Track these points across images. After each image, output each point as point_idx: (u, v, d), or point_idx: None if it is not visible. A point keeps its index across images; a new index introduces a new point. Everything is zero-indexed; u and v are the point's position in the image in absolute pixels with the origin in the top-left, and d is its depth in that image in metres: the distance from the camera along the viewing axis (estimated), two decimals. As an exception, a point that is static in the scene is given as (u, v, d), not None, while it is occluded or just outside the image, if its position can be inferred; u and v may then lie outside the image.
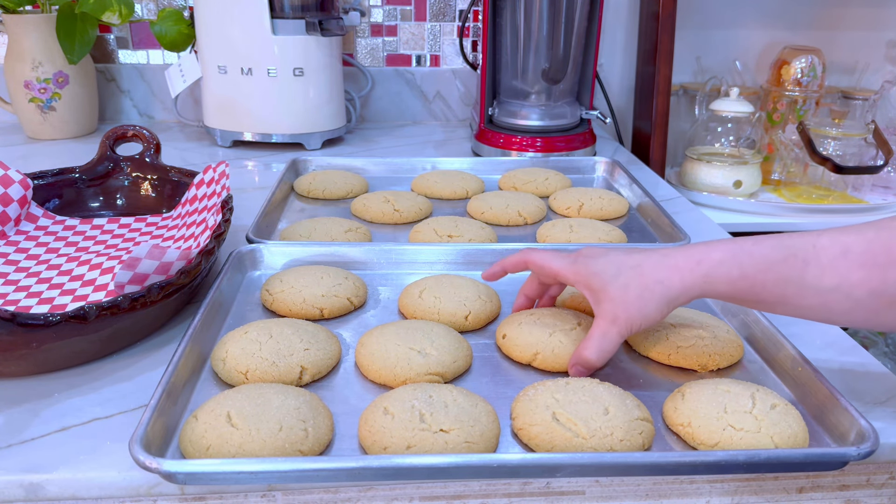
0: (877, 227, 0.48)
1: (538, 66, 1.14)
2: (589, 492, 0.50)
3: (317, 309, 0.65)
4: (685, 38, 1.39)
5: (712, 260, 0.50)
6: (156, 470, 0.42)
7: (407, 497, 0.49)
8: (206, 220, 0.73)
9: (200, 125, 1.34)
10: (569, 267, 0.55)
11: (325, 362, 0.56)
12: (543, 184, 1.00)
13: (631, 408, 0.50)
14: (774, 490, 0.51)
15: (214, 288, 0.64)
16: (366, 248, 0.75)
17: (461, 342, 0.59)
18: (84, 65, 1.26)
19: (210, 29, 1.17)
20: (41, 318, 0.51)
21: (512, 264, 0.61)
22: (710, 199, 1.25)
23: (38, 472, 0.45)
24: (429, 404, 0.49)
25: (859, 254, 0.47)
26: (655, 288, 0.51)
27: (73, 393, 0.54)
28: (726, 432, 0.48)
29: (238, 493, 0.47)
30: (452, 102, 1.45)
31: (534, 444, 0.48)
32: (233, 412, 0.47)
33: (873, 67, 1.45)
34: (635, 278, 0.52)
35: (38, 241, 0.78)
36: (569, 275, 0.55)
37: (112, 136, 0.87)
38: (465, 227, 0.82)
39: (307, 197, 0.97)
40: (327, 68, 1.20)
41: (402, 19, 1.40)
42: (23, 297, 0.67)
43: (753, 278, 0.50)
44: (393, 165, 1.08)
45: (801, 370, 0.55)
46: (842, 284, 0.48)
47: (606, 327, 0.52)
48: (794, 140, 1.28)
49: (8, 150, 1.21)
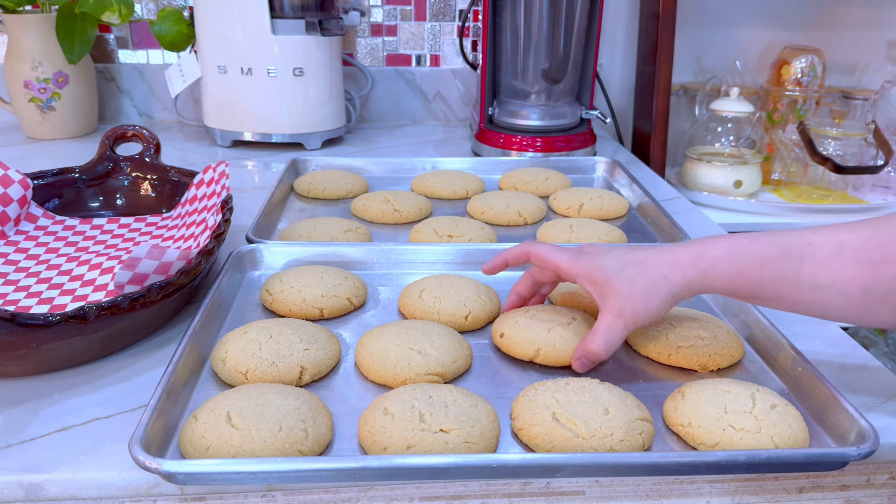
0: (872, 224, 0.49)
1: (538, 66, 1.14)
2: (589, 492, 0.50)
3: (317, 309, 0.65)
4: (685, 37, 1.38)
5: (711, 256, 0.51)
6: (155, 470, 0.42)
7: (407, 497, 0.49)
8: (205, 220, 0.73)
9: (200, 125, 1.34)
10: (572, 261, 0.56)
11: (325, 362, 0.56)
12: (543, 184, 1.00)
13: (631, 408, 0.50)
14: (774, 490, 0.51)
15: (214, 288, 0.64)
16: (366, 248, 0.75)
17: (461, 342, 0.59)
18: (84, 65, 1.26)
19: (210, 29, 1.17)
20: (41, 318, 0.51)
21: (514, 257, 0.61)
22: (710, 199, 1.25)
23: (38, 472, 0.45)
24: (429, 404, 0.49)
25: (854, 251, 0.48)
26: (660, 283, 0.52)
27: (73, 393, 0.54)
28: (726, 432, 0.48)
29: (238, 493, 0.47)
30: (452, 102, 1.45)
31: (534, 444, 0.48)
32: (233, 412, 0.47)
33: (873, 67, 1.45)
34: (640, 273, 0.52)
35: (37, 241, 0.78)
36: (571, 269, 0.55)
37: (112, 136, 0.87)
38: (465, 227, 0.82)
39: (307, 197, 0.97)
40: (327, 68, 1.20)
41: (402, 19, 1.40)
42: (23, 297, 0.67)
43: (750, 275, 0.50)
44: (393, 165, 1.08)
45: (801, 370, 0.55)
46: (836, 281, 0.48)
47: (612, 320, 0.53)
48: (794, 140, 1.28)
49: (8, 150, 1.21)
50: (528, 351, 0.58)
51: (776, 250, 0.50)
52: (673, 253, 0.53)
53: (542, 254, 0.58)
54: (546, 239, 0.82)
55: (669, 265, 0.52)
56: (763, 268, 0.50)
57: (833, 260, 0.48)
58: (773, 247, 0.50)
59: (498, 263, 0.62)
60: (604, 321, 0.53)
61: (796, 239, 0.50)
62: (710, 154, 1.28)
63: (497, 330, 0.61)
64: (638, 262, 0.53)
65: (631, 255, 0.54)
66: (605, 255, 0.55)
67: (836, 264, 0.48)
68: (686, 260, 0.52)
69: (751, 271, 0.50)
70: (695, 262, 0.52)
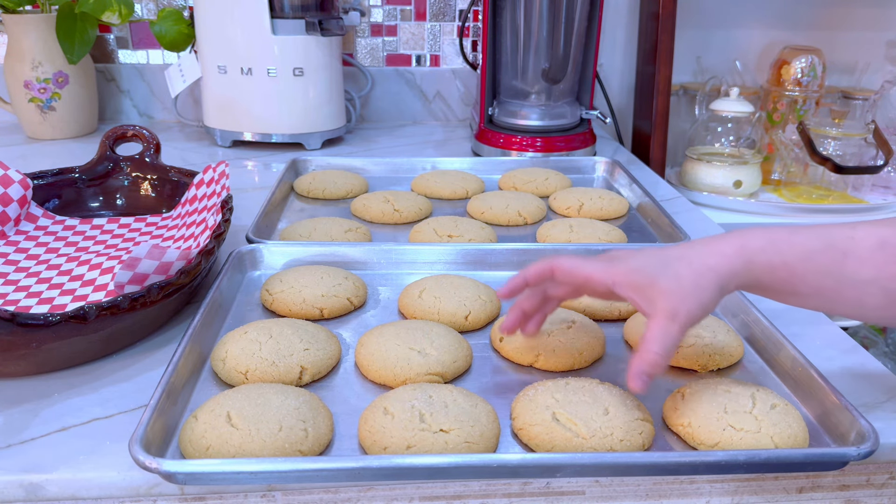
0: None
1: (538, 66, 1.14)
2: (589, 492, 0.50)
3: (317, 309, 0.65)
4: (685, 38, 1.39)
5: (754, 247, 0.48)
6: (156, 470, 0.42)
7: (407, 497, 0.49)
8: (205, 219, 0.73)
9: (200, 125, 1.34)
10: (604, 269, 0.50)
11: (325, 362, 0.56)
12: (543, 184, 1.00)
13: (631, 408, 0.50)
14: (774, 490, 0.51)
15: (214, 288, 0.64)
16: (366, 248, 0.75)
17: (461, 342, 0.59)
18: (84, 65, 1.26)
19: (210, 29, 1.17)
20: (41, 318, 0.51)
21: (535, 275, 0.53)
22: (710, 199, 1.25)
23: (38, 472, 0.45)
24: (429, 404, 0.49)
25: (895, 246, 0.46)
26: (707, 274, 0.48)
27: (73, 393, 0.54)
28: (726, 432, 0.48)
29: (238, 493, 0.47)
30: (452, 102, 1.45)
31: (534, 444, 0.48)
32: (233, 412, 0.47)
33: (873, 67, 1.45)
34: (685, 267, 0.48)
35: (37, 241, 0.78)
36: (605, 278, 0.49)
37: (112, 136, 0.87)
38: (465, 227, 0.82)
39: (307, 197, 0.97)
40: (327, 68, 1.20)
41: (402, 19, 1.40)
42: (23, 297, 0.67)
43: (794, 267, 0.48)
44: (393, 165, 1.08)
45: (801, 370, 0.55)
46: (879, 277, 0.47)
47: (666, 324, 0.47)
48: (794, 140, 1.28)
49: (8, 150, 1.21)
50: (528, 356, 0.58)
51: (819, 243, 0.48)
52: (713, 245, 0.49)
53: (569, 268, 0.51)
54: (546, 239, 0.82)
55: (714, 256, 0.48)
56: (807, 260, 0.48)
57: (876, 255, 0.47)
58: (815, 239, 0.48)
59: (517, 285, 0.54)
60: (657, 326, 0.47)
61: (838, 232, 0.48)
62: (710, 154, 1.28)
63: (496, 334, 0.61)
64: (678, 257, 0.49)
65: (668, 252, 0.50)
66: (640, 256, 0.50)
67: (879, 259, 0.47)
68: (729, 249, 0.49)
69: (794, 263, 0.48)
70: (738, 251, 0.48)
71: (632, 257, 0.50)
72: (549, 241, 0.82)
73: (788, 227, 0.49)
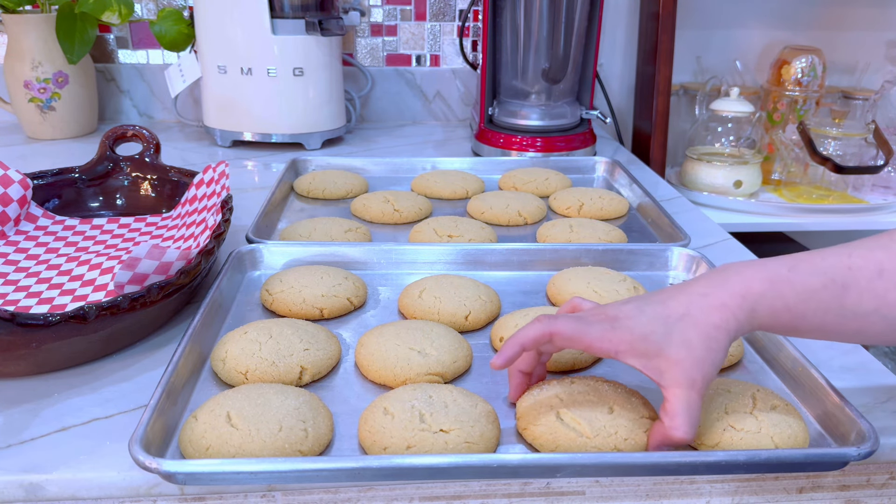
0: None
1: (538, 66, 1.14)
2: (589, 492, 0.50)
3: (317, 309, 0.65)
4: (685, 38, 1.39)
5: (755, 293, 0.47)
6: (155, 470, 0.42)
7: (407, 497, 0.49)
8: (205, 219, 0.73)
9: (200, 125, 1.34)
10: (607, 338, 0.47)
11: (325, 362, 0.56)
12: (543, 184, 1.00)
13: (637, 406, 0.50)
14: (775, 490, 0.51)
15: (214, 288, 0.64)
16: (366, 248, 0.75)
17: (461, 342, 0.59)
18: (84, 65, 1.26)
19: (210, 29, 1.17)
20: (41, 318, 0.51)
21: (531, 340, 0.48)
22: (710, 199, 1.25)
23: (38, 472, 0.45)
24: (429, 404, 0.49)
25: (893, 271, 0.46)
26: (716, 335, 0.46)
27: (73, 393, 0.54)
28: (727, 433, 0.48)
29: (238, 493, 0.47)
30: (452, 102, 1.45)
31: (537, 443, 0.48)
32: (233, 412, 0.47)
33: (873, 67, 1.45)
34: (691, 330, 0.46)
35: (37, 241, 0.78)
36: (609, 347, 0.47)
37: (112, 136, 0.87)
38: (465, 227, 0.82)
39: (307, 197, 0.97)
40: (327, 68, 1.20)
41: (402, 19, 1.40)
42: (22, 297, 0.67)
43: (794, 309, 0.47)
44: (393, 165, 1.08)
45: (801, 370, 0.55)
46: (880, 307, 0.46)
47: (687, 395, 0.45)
48: (794, 140, 1.28)
49: (7, 150, 1.21)
50: None
51: (818, 280, 0.47)
52: (713, 294, 0.47)
53: (569, 335, 0.48)
54: (546, 239, 0.82)
55: (718, 311, 0.46)
56: (808, 301, 0.47)
57: (875, 284, 0.46)
58: (814, 276, 0.47)
59: (514, 353, 0.49)
60: (677, 399, 0.45)
61: (835, 263, 0.47)
62: (710, 154, 1.28)
63: (497, 334, 0.61)
64: (680, 316, 0.46)
65: (668, 310, 0.47)
66: (640, 317, 0.47)
67: (878, 289, 0.46)
68: (732, 301, 0.47)
69: (796, 305, 0.47)
70: (741, 302, 0.47)
71: (632, 319, 0.47)
72: (549, 241, 0.82)
73: (786, 262, 0.48)
